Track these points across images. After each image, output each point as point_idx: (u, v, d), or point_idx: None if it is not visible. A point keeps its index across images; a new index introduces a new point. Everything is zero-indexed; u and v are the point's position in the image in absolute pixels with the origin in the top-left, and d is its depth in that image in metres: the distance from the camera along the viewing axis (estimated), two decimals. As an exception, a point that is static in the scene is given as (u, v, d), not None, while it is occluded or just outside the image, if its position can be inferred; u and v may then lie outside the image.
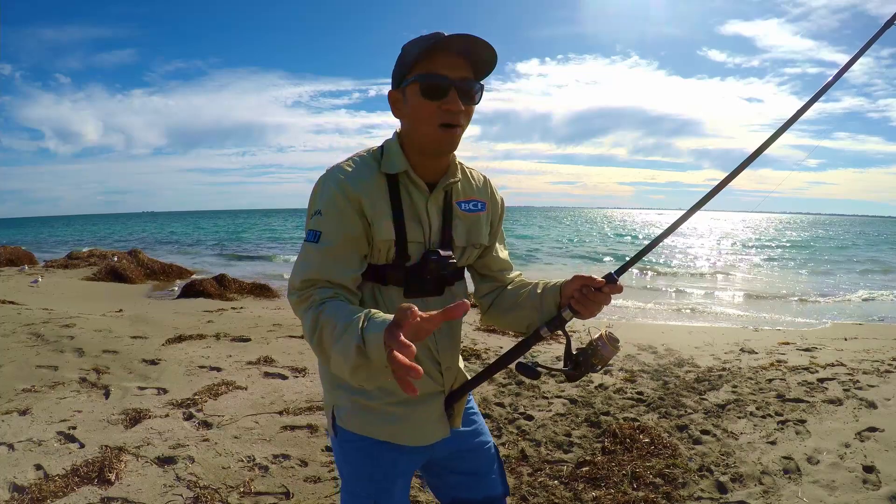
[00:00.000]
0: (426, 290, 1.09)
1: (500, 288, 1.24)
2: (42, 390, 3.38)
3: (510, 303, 1.19)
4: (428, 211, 1.08)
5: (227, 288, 8.61)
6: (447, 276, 1.11)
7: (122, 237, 31.57)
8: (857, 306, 8.62)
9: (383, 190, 1.04)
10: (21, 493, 2.21)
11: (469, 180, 1.18)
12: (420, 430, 1.14)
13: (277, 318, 5.87)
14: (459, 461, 1.23)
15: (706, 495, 2.30)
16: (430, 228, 1.08)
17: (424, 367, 1.11)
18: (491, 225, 1.21)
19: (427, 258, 1.06)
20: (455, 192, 1.14)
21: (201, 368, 3.92)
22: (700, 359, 4.34)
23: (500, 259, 1.24)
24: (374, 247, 1.04)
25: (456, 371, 1.18)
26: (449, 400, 1.16)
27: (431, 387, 1.14)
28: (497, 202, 1.23)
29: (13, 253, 12.48)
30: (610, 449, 2.68)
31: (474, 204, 1.16)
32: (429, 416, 1.14)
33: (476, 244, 1.16)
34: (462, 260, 1.15)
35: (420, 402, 1.12)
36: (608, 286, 1.02)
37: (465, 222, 1.14)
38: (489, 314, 1.25)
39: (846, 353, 4.55)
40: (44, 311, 5.87)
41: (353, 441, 1.14)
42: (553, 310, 1.10)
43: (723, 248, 22.57)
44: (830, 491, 2.33)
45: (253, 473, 2.43)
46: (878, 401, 3.34)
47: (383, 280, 1.07)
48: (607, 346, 1.06)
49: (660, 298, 9.02)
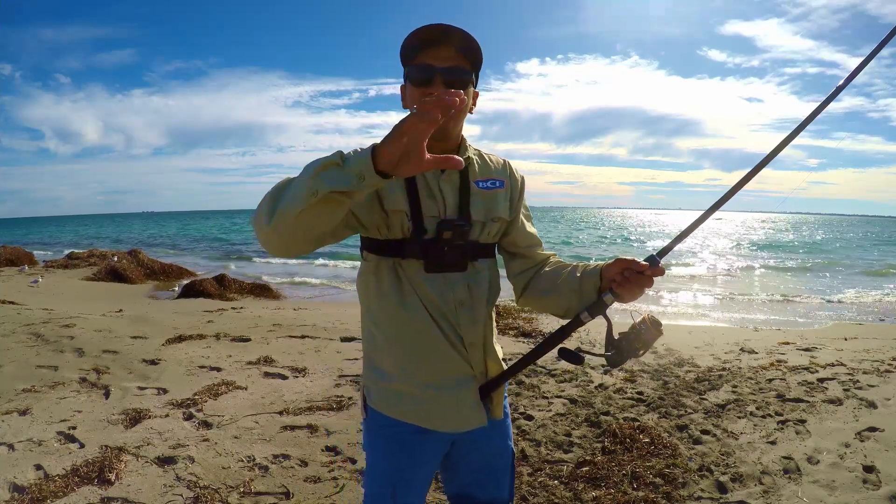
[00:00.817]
0: (446, 263, 1.10)
1: (534, 268, 1.24)
2: (42, 390, 3.38)
3: (547, 286, 1.18)
4: (441, 187, 1.11)
5: (227, 288, 8.62)
6: (467, 248, 1.12)
7: (120, 237, 31.56)
8: (856, 306, 8.62)
9: None
10: (21, 493, 2.21)
11: (487, 163, 1.21)
12: (453, 415, 1.14)
13: (277, 318, 5.87)
14: (479, 457, 1.23)
15: (706, 495, 2.30)
16: (444, 204, 1.11)
17: (450, 341, 1.11)
18: (511, 200, 1.22)
19: (440, 227, 1.08)
20: (472, 172, 1.16)
21: (201, 368, 3.92)
22: (700, 359, 4.34)
23: (527, 233, 1.25)
24: (390, 219, 1.07)
25: (485, 350, 1.17)
26: (486, 388, 1.16)
27: (459, 367, 1.13)
28: (517, 179, 1.25)
29: (13, 253, 12.49)
30: (610, 449, 2.68)
31: (492, 182, 1.18)
32: (462, 402, 1.14)
33: (495, 218, 1.17)
34: (482, 235, 1.16)
35: (448, 385, 1.13)
36: (650, 269, 1.03)
37: (483, 198, 1.16)
38: (525, 297, 1.25)
39: (846, 353, 4.54)
40: (44, 311, 5.88)
41: (380, 424, 1.16)
42: (593, 294, 1.10)
43: (723, 249, 22.57)
44: (830, 491, 2.33)
45: (253, 473, 2.43)
46: (878, 401, 3.34)
47: (402, 253, 1.09)
48: (650, 329, 1.05)
49: (660, 298, 9.02)
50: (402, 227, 1.08)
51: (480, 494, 1.26)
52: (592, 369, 3.97)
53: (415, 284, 1.09)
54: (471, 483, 1.25)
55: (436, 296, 1.10)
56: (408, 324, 1.10)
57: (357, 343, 4.63)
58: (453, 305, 1.11)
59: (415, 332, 1.11)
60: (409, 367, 1.12)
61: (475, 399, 1.15)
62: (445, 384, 1.13)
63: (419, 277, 1.09)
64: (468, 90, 1.09)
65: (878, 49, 1.07)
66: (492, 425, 1.19)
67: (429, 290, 1.09)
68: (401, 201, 1.07)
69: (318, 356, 4.30)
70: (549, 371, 3.90)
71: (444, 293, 1.10)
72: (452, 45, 1.04)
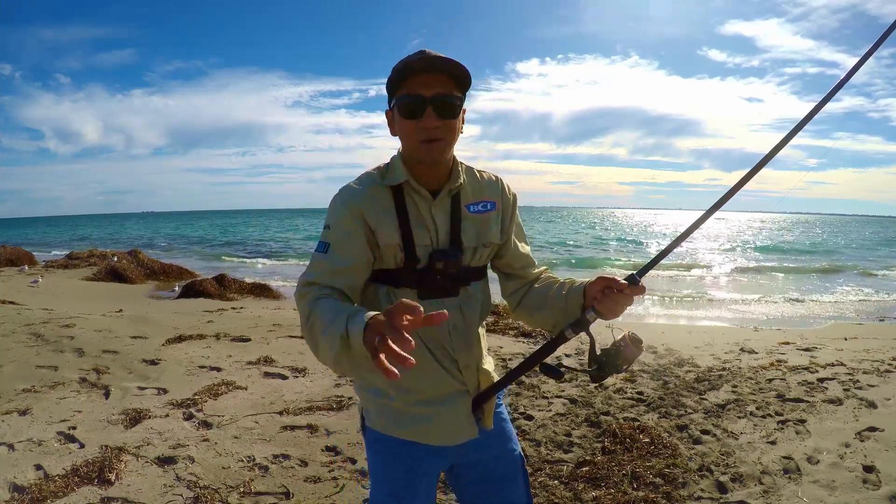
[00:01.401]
0: (439, 290, 1.12)
1: (526, 286, 1.26)
2: (42, 390, 3.38)
3: (537, 302, 1.21)
4: (433, 216, 1.13)
5: (227, 288, 8.61)
6: (459, 275, 1.14)
7: (120, 238, 31.53)
8: (856, 306, 8.62)
9: (387, 200, 1.11)
10: (21, 493, 2.21)
11: (479, 183, 1.21)
12: (447, 429, 1.16)
13: (277, 318, 5.87)
14: (485, 466, 1.24)
15: (706, 495, 2.30)
16: (436, 232, 1.13)
17: (443, 365, 1.14)
18: (502, 223, 1.23)
19: (432, 258, 1.10)
20: (464, 195, 1.17)
21: (201, 368, 3.92)
22: (700, 359, 4.34)
23: (521, 255, 1.27)
24: (382, 252, 1.10)
25: (478, 370, 1.20)
26: (477, 401, 1.18)
27: (453, 386, 1.16)
28: (508, 199, 1.25)
29: (13, 253, 12.48)
30: (610, 449, 2.68)
31: (483, 205, 1.19)
32: (456, 416, 1.16)
33: (487, 243, 1.19)
34: (474, 260, 1.18)
35: (443, 401, 1.15)
36: (630, 287, 1.04)
37: (474, 224, 1.17)
38: (518, 312, 1.28)
39: (846, 352, 4.54)
40: (44, 311, 5.88)
41: (380, 441, 1.18)
42: (577, 311, 1.12)
43: (723, 249, 22.57)
44: (830, 491, 2.33)
45: (253, 473, 2.43)
46: (878, 401, 3.34)
47: (396, 283, 1.12)
48: (630, 346, 1.08)
49: (660, 298, 9.02)
50: (394, 259, 1.10)
51: (495, 502, 1.25)
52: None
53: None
54: (482, 493, 1.26)
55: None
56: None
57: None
58: (447, 331, 1.13)
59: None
60: (403, 386, 1.14)
61: (468, 412, 1.17)
62: (440, 401, 1.15)
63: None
64: (459, 115, 1.09)
65: (878, 45, 1.07)
66: (486, 435, 1.21)
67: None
68: (393, 235, 1.09)
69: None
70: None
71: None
72: (439, 71, 1.04)
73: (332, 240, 1.09)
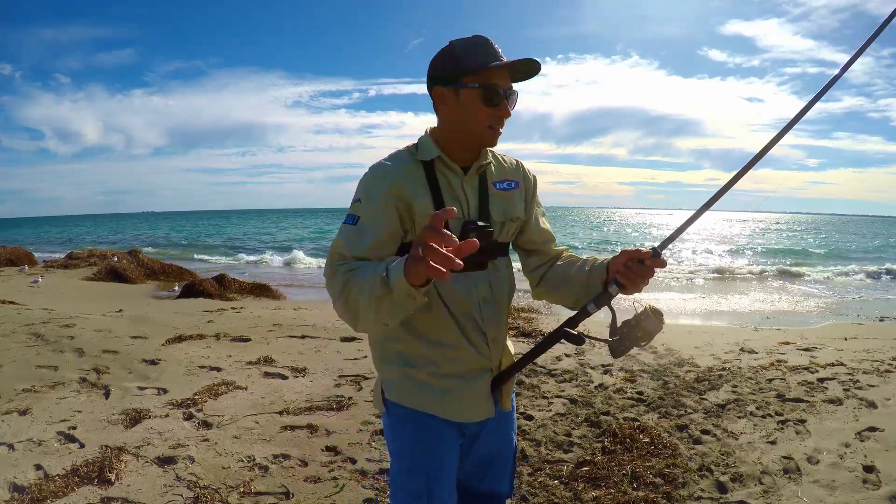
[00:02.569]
0: (470, 262, 1.14)
1: (548, 262, 1.30)
2: (42, 390, 3.38)
3: (560, 279, 1.25)
4: (465, 190, 1.17)
5: (227, 288, 8.61)
6: (488, 248, 1.17)
7: (120, 239, 31.50)
8: (856, 306, 8.62)
9: (420, 175, 1.15)
10: (21, 493, 2.21)
11: (502, 164, 1.27)
12: (467, 405, 1.18)
13: (277, 318, 5.87)
14: (484, 448, 1.27)
15: (706, 495, 2.30)
16: (467, 205, 1.17)
17: (471, 340, 1.17)
18: (526, 200, 1.28)
19: (466, 228, 1.12)
20: (489, 174, 1.22)
21: (201, 368, 3.92)
22: (700, 358, 4.34)
23: (542, 230, 1.32)
24: (417, 225, 1.12)
25: (502, 345, 1.23)
26: (496, 381, 1.21)
27: (479, 361, 1.18)
28: (530, 179, 1.31)
29: (13, 253, 12.47)
30: (610, 449, 2.68)
31: (508, 183, 1.24)
32: (477, 393, 1.19)
33: (513, 218, 1.24)
34: (502, 234, 1.22)
35: (466, 376, 1.17)
36: (651, 259, 1.07)
37: (501, 200, 1.22)
38: (539, 289, 1.31)
39: (846, 352, 4.54)
40: (44, 311, 5.88)
41: (401, 414, 1.19)
42: (599, 286, 1.15)
43: (723, 249, 22.56)
44: (830, 491, 2.33)
45: (253, 473, 2.43)
46: (878, 401, 3.34)
47: None
48: (651, 318, 1.10)
49: (660, 298, 9.01)
50: None
51: (480, 487, 1.29)
52: (592, 369, 3.97)
53: (439, 284, 1.13)
54: (472, 475, 1.29)
55: (461, 295, 1.15)
56: (431, 321, 1.15)
57: (357, 343, 4.64)
58: (478, 303, 1.16)
59: (437, 329, 1.15)
60: (431, 358, 1.16)
61: (487, 391, 1.20)
62: (463, 376, 1.17)
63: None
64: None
65: (873, 38, 1.10)
66: (499, 416, 1.24)
67: (454, 289, 1.14)
68: (429, 206, 1.12)
69: (318, 356, 4.30)
70: (549, 371, 3.90)
71: (469, 291, 1.16)
72: (517, 72, 1.13)
73: (361, 212, 1.11)
